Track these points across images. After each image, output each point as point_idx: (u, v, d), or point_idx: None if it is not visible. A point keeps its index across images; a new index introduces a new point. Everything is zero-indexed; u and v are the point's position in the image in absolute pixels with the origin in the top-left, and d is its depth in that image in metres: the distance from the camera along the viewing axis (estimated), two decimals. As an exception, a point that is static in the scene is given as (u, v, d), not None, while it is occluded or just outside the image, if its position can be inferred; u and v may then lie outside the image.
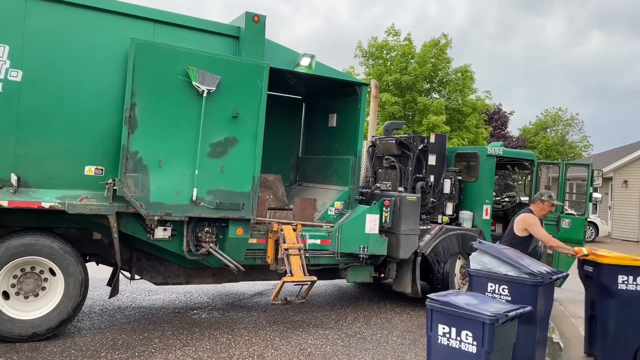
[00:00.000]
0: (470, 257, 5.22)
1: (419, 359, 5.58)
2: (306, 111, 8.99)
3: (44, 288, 5.48)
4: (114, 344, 5.50)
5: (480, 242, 5.30)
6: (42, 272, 5.46)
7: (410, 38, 24.80)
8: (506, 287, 4.78)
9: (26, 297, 5.40)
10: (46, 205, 5.21)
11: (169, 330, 6.09)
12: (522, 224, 5.75)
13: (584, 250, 5.60)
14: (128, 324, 6.25)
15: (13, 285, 5.35)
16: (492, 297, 4.75)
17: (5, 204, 5.05)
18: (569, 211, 9.05)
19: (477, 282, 4.98)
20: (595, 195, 9.13)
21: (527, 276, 4.70)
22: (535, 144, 36.66)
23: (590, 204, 8.93)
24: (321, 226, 7.08)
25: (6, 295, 5.31)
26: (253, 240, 6.43)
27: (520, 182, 26.57)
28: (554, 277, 4.81)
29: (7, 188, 5.14)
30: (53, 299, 5.45)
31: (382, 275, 8.04)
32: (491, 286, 4.86)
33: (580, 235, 8.41)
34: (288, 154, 8.87)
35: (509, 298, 4.72)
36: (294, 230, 6.63)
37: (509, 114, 31.93)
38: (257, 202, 6.19)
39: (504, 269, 4.82)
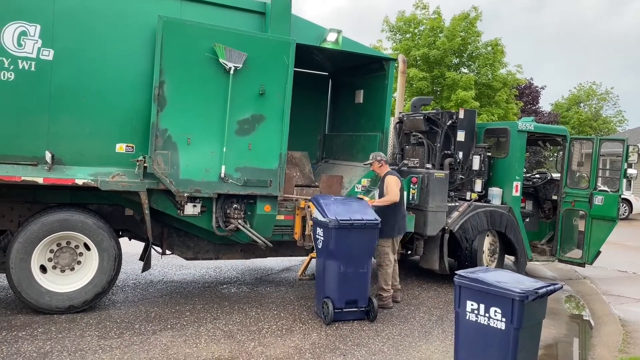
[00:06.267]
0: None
1: (447, 335, 5.59)
2: (333, 87, 8.93)
3: (79, 262, 5.65)
4: (147, 316, 5.66)
5: (316, 197, 6.16)
6: (77, 246, 5.63)
7: (439, 11, 24.21)
8: (321, 229, 5.81)
9: (62, 271, 5.58)
10: (79, 182, 5.34)
11: (199, 303, 6.23)
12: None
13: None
14: (160, 297, 6.42)
15: (50, 260, 5.54)
16: (316, 238, 5.92)
17: (40, 180, 5.20)
18: (602, 188, 8.81)
19: (314, 230, 6.04)
20: (630, 171, 8.87)
21: (326, 220, 5.66)
22: (568, 119, 35.70)
23: (625, 181, 8.67)
24: (348, 203, 7.07)
25: (44, 269, 5.51)
26: (280, 217, 6.48)
27: (552, 159, 26.07)
28: (341, 219, 5.61)
29: (42, 165, 5.28)
30: (88, 272, 5.62)
31: (410, 252, 8.03)
32: (319, 231, 5.86)
33: (614, 212, 8.21)
34: (315, 131, 8.85)
35: (322, 238, 5.78)
36: (321, 206, 6.66)
37: (540, 88, 31.09)
38: (284, 179, 6.21)
39: (319, 216, 5.88)
